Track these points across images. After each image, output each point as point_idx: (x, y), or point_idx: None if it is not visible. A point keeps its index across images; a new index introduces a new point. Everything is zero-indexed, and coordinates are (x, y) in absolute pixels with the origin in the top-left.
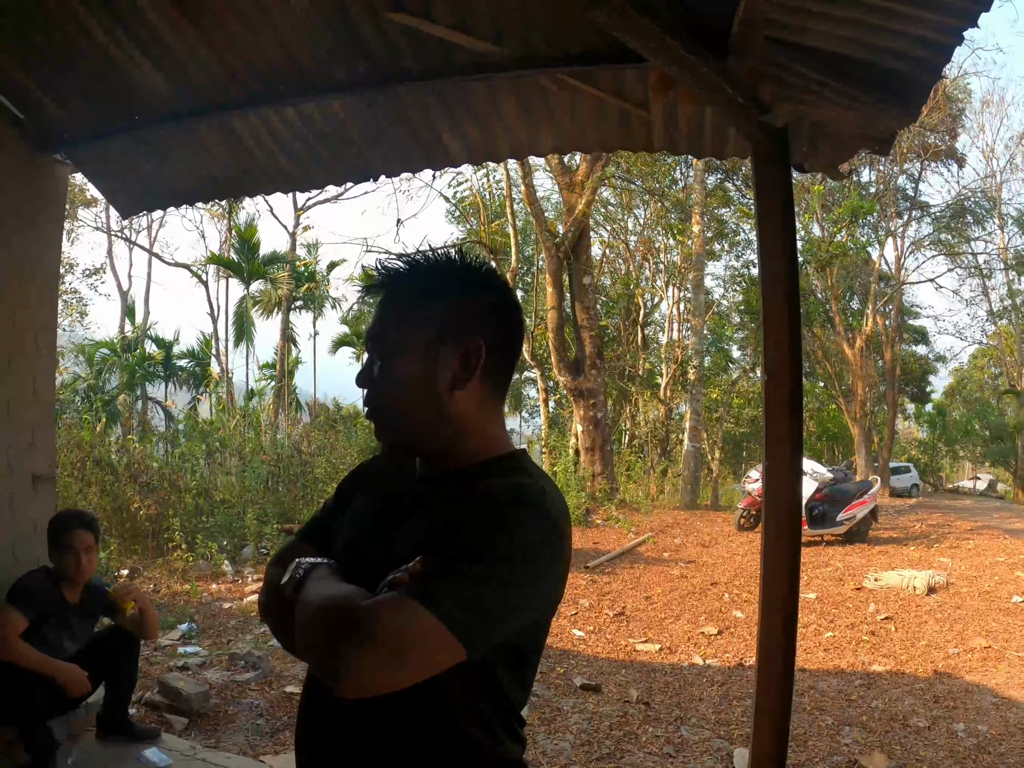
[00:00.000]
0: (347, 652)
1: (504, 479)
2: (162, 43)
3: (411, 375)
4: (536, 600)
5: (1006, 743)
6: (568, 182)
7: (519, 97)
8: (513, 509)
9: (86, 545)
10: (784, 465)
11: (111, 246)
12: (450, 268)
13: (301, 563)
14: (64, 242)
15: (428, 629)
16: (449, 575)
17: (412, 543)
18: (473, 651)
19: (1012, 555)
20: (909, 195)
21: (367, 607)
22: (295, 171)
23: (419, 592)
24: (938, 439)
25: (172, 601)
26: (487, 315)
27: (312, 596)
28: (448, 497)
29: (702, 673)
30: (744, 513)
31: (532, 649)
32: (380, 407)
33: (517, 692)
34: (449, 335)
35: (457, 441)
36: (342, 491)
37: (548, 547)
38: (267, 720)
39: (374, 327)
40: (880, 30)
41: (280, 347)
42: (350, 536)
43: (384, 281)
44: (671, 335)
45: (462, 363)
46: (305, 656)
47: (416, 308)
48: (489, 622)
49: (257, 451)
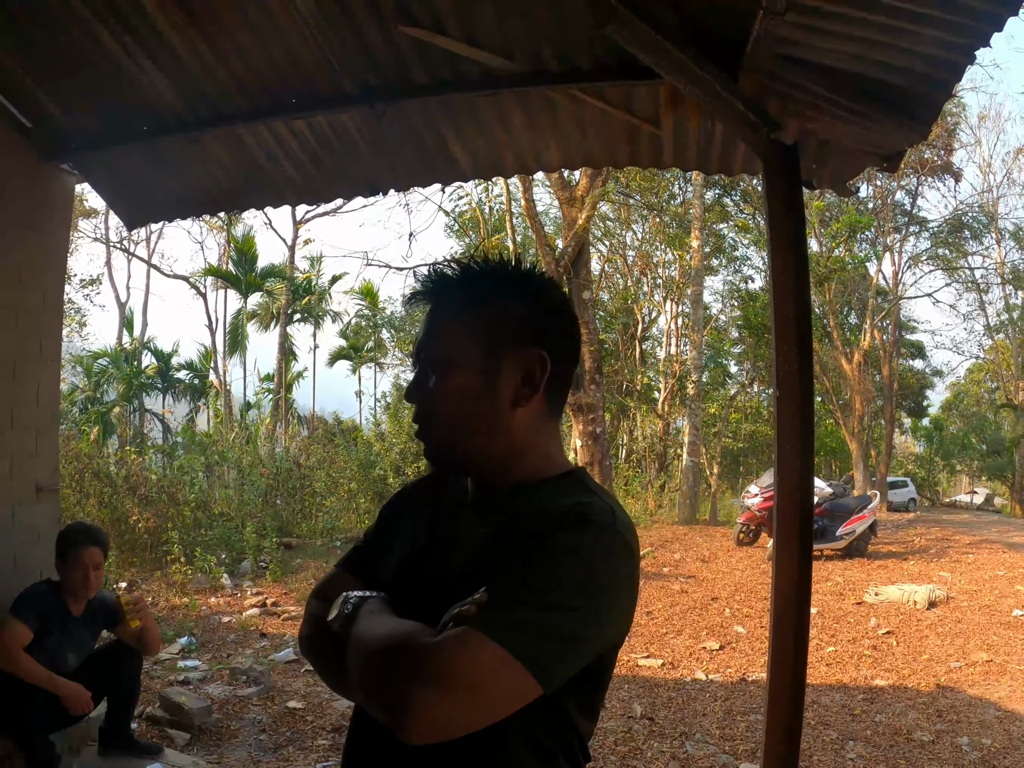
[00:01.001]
0: (416, 695)
1: (568, 498)
2: (172, 53)
3: (469, 390)
4: (613, 624)
5: (1010, 756)
6: (568, 197)
7: (528, 111)
8: (582, 530)
9: (95, 562)
10: (795, 481)
11: (110, 257)
12: (510, 276)
13: (350, 597)
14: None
15: (502, 666)
16: (519, 605)
17: (471, 567)
18: (549, 686)
19: (1012, 569)
20: (907, 210)
21: (435, 645)
22: (303, 184)
23: (489, 625)
24: (935, 453)
25: (171, 614)
26: (549, 327)
27: (369, 634)
28: (508, 519)
29: (705, 688)
30: (743, 528)
31: (603, 676)
32: (433, 424)
33: (585, 723)
34: (511, 348)
35: (515, 459)
36: (385, 517)
37: (622, 568)
38: (270, 736)
39: (426, 338)
40: (891, 49)
41: (278, 360)
42: (399, 564)
43: (437, 289)
44: (669, 350)
45: (525, 378)
46: (363, 698)
47: (475, 319)
48: (566, 653)
49: (256, 464)
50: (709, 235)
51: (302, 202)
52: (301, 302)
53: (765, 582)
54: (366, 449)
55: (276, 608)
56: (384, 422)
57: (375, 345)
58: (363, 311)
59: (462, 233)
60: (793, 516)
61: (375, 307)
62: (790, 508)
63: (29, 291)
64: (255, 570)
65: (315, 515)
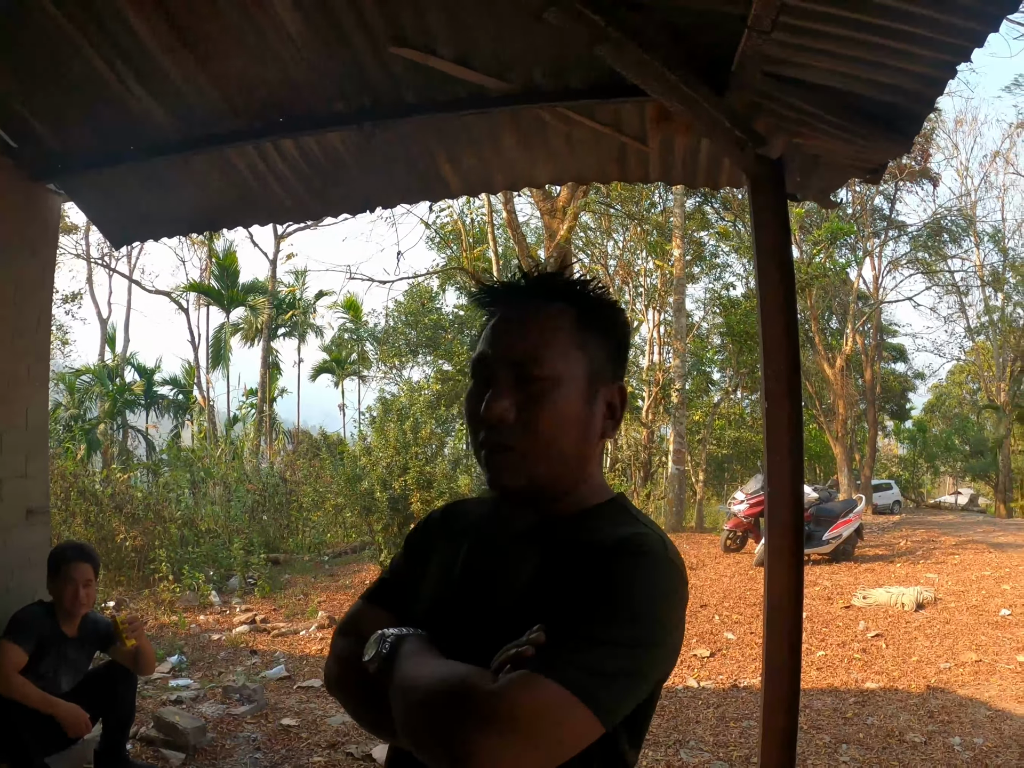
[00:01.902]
0: (481, 743)
1: (618, 528)
2: (163, 75)
3: (575, 415)
4: (668, 656)
5: (1002, 755)
6: (549, 208)
7: (518, 130)
8: (637, 562)
9: (85, 578)
10: (786, 491)
11: (91, 273)
12: (610, 305)
13: (386, 635)
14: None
15: (567, 708)
16: (579, 643)
17: (521, 601)
18: (610, 724)
19: (998, 568)
20: (886, 215)
21: (498, 691)
22: (291, 203)
23: (550, 667)
24: (919, 455)
25: (160, 633)
26: (624, 357)
27: (416, 678)
28: (559, 548)
29: (697, 695)
30: (730, 534)
31: (653, 706)
32: (533, 444)
33: (632, 753)
34: (602, 376)
35: (579, 488)
36: (414, 546)
37: (677, 599)
38: (265, 754)
39: (533, 349)
40: (876, 66)
41: (262, 374)
42: (437, 596)
43: (545, 297)
44: (652, 358)
45: (609, 410)
46: (414, 745)
47: (583, 342)
48: (627, 690)
49: (242, 480)
50: (690, 243)
51: (290, 220)
52: (285, 316)
53: (753, 588)
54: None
55: (266, 624)
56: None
57: (359, 358)
58: (346, 324)
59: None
60: (785, 527)
61: (358, 320)
62: (782, 519)
63: (18, 312)
64: (243, 586)
65: (302, 530)
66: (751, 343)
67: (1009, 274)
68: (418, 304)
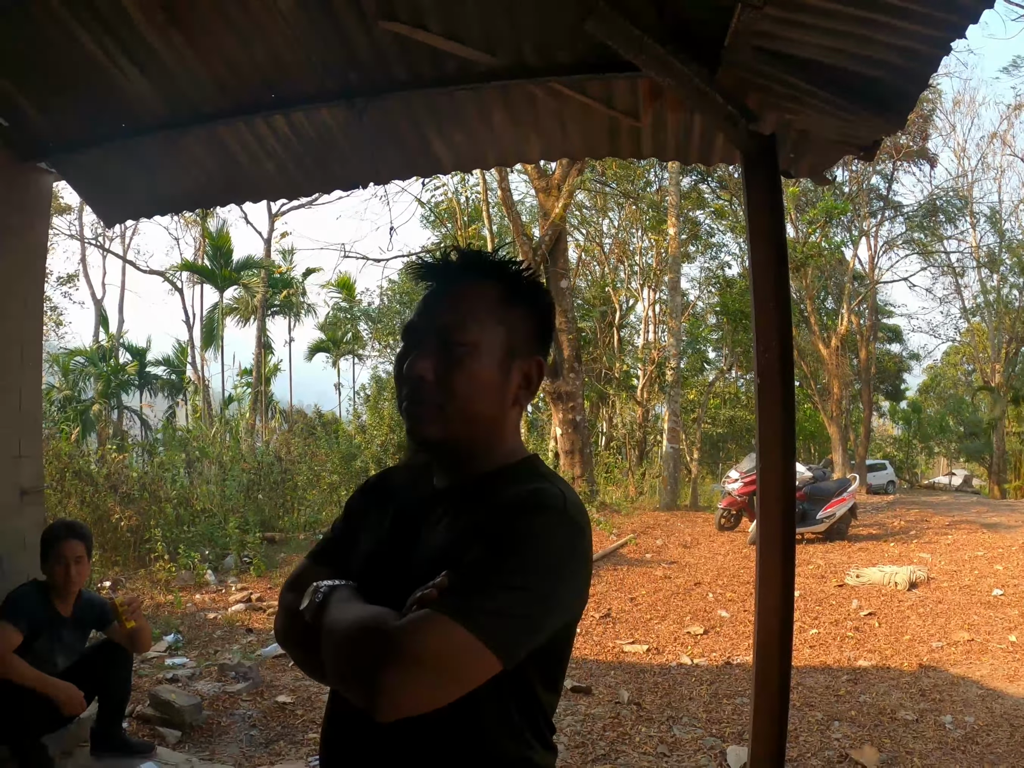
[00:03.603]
0: (385, 676)
1: (523, 485)
2: (152, 53)
3: (490, 380)
4: (565, 604)
5: (993, 733)
6: (544, 186)
7: (509, 105)
8: (535, 515)
9: (76, 555)
10: (777, 466)
11: (84, 254)
12: (534, 284)
13: (319, 587)
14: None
15: (464, 645)
16: (478, 587)
17: (435, 554)
18: (509, 662)
19: (990, 549)
20: (882, 195)
21: (400, 628)
22: (282, 180)
23: (450, 607)
24: (913, 436)
25: (156, 612)
26: (547, 334)
27: (338, 621)
28: (469, 505)
29: (690, 672)
30: (724, 513)
31: (563, 651)
32: (448, 401)
33: (549, 696)
34: (521, 349)
35: (493, 450)
36: (352, 508)
37: (573, 551)
38: (261, 731)
39: (455, 316)
40: (869, 41)
41: (256, 353)
42: (367, 554)
43: (472, 271)
44: (647, 337)
45: (525, 380)
46: (337, 682)
47: (505, 315)
48: (522, 631)
49: (237, 459)
50: (685, 222)
51: (281, 197)
52: (279, 295)
53: (747, 566)
54: (347, 442)
55: (261, 603)
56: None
57: (353, 337)
58: (340, 304)
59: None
60: (776, 502)
61: (352, 299)
62: (773, 495)
63: (9, 295)
64: (239, 565)
65: (297, 509)
66: (746, 322)
67: (1005, 255)
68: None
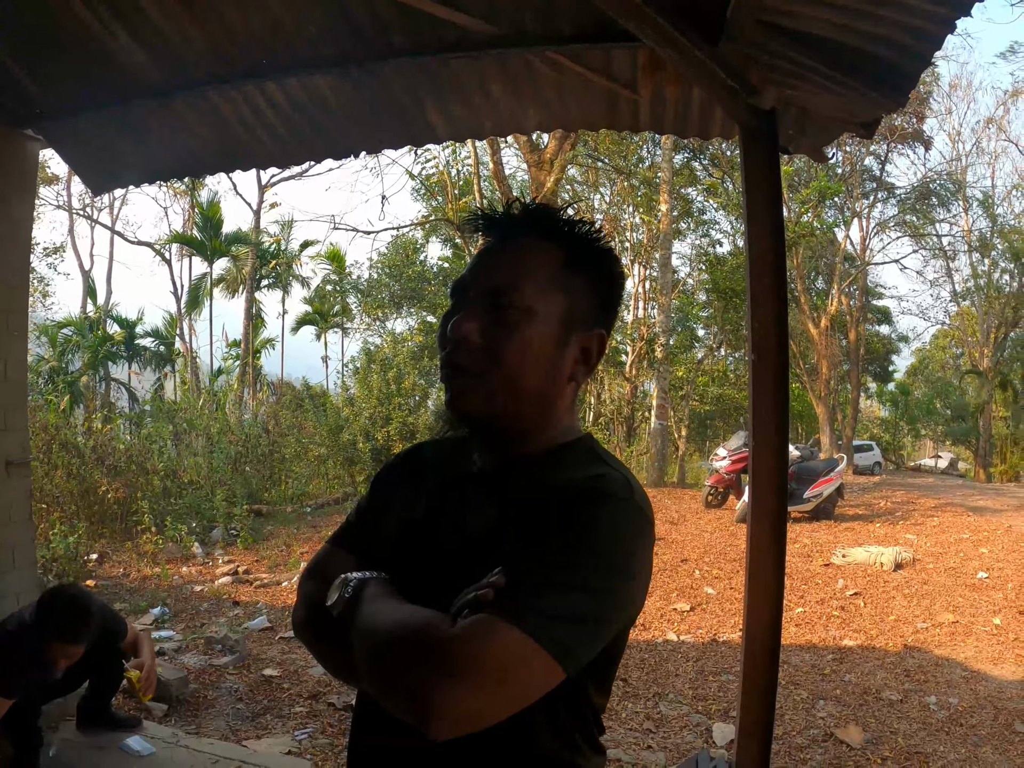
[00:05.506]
0: (441, 689)
1: (583, 469)
2: (145, 18)
3: (542, 351)
4: (633, 601)
5: (976, 715)
6: (536, 159)
7: (506, 75)
8: (601, 504)
9: (70, 655)
10: (771, 442)
11: (72, 224)
12: (603, 252)
13: (349, 579)
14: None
15: (527, 653)
16: (539, 587)
17: (478, 543)
18: (573, 669)
19: (976, 532)
20: (875, 176)
21: (458, 636)
22: (275, 148)
23: (510, 611)
24: (900, 418)
25: (142, 585)
26: (613, 307)
27: (376, 622)
28: (518, 490)
29: (676, 649)
30: (712, 490)
31: (619, 651)
32: (498, 370)
33: (600, 698)
34: (582, 321)
35: (546, 430)
36: (379, 486)
37: (642, 543)
38: (247, 704)
39: (512, 278)
40: (872, 18)
41: (245, 325)
42: (398, 536)
43: (534, 231)
44: (636, 313)
45: (584, 355)
46: (377, 692)
47: (566, 283)
48: (589, 635)
49: (224, 431)
50: (677, 199)
51: (274, 165)
52: (268, 267)
53: (734, 544)
54: (335, 414)
55: (248, 576)
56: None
57: (341, 310)
58: (330, 276)
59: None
60: (769, 478)
61: (342, 271)
62: (766, 471)
63: None
64: (226, 538)
65: (284, 481)
66: (736, 300)
67: (997, 240)
68: (402, 256)
